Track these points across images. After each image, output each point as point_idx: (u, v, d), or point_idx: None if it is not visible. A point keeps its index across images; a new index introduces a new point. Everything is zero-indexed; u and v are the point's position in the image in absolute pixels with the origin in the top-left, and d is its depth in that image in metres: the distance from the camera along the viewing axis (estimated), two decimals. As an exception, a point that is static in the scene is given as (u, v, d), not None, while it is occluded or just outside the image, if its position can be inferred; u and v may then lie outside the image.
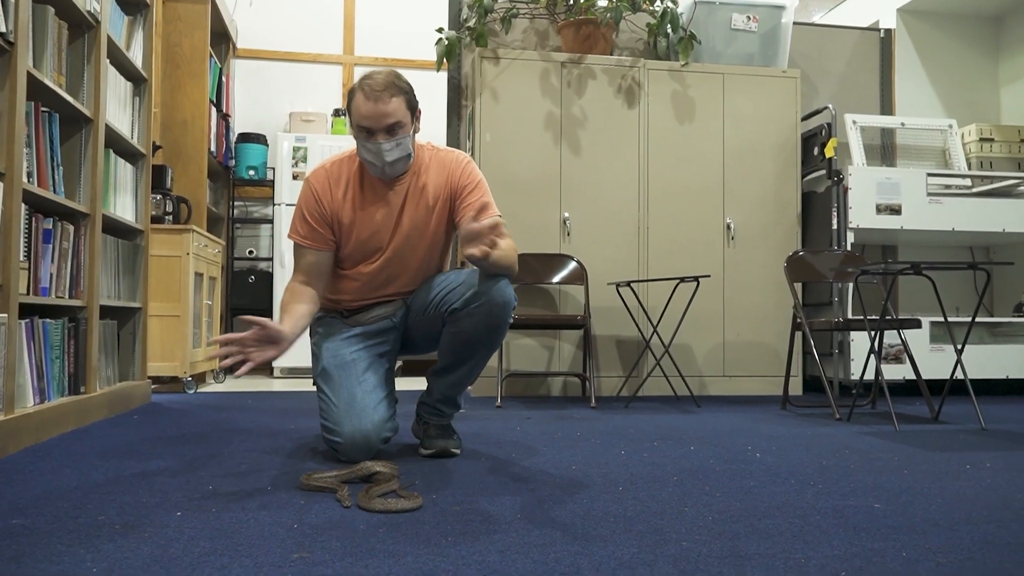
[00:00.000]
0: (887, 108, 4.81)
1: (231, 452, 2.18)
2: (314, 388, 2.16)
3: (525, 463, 2.06)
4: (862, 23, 5.11)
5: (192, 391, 3.98)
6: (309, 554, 1.23)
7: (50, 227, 2.49)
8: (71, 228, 2.65)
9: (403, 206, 2.13)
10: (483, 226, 1.77)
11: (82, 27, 2.75)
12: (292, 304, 2.06)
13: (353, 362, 2.09)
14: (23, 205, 2.29)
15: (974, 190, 4.29)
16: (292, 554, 1.23)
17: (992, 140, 4.65)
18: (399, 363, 5.33)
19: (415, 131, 2.11)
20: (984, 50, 5.06)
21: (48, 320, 2.51)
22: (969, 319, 3.17)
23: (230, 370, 1.81)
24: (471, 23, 4.12)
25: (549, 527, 1.41)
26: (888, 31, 4.88)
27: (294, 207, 2.20)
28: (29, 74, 2.27)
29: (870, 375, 3.60)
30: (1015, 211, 4.13)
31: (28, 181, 2.32)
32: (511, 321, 2.05)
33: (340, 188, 2.12)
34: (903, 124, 4.60)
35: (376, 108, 1.99)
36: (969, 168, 4.59)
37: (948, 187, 4.31)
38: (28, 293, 2.33)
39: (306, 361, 5.08)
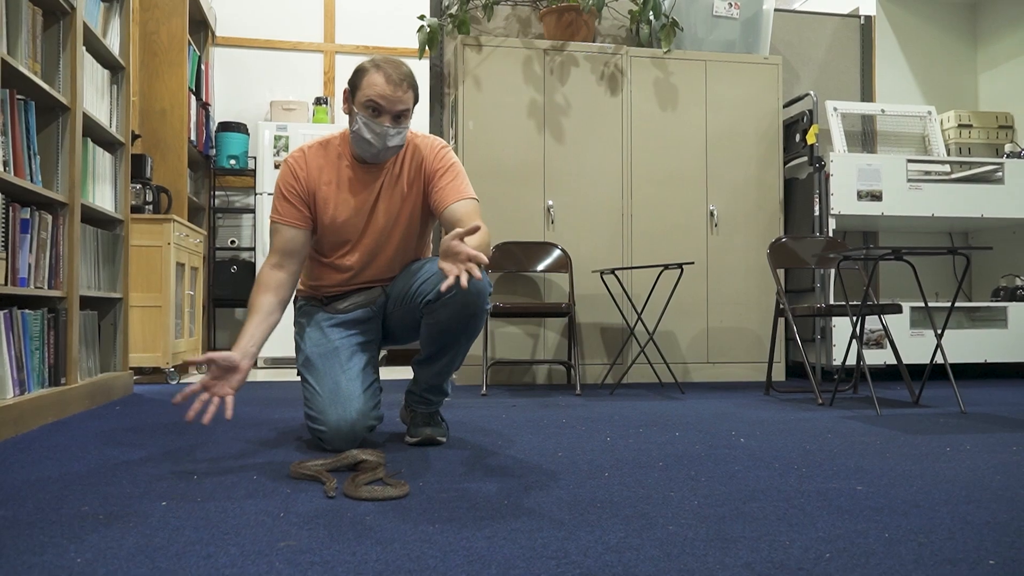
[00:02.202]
0: (867, 95, 4.84)
1: (215, 442, 2.17)
2: (297, 377, 2.14)
3: (511, 450, 2.06)
4: (842, 10, 5.13)
5: (175, 381, 3.95)
6: (296, 542, 1.23)
7: (27, 217, 2.45)
8: (49, 218, 2.61)
9: (379, 192, 2.13)
10: (463, 251, 1.67)
11: (57, 13, 2.71)
12: (257, 297, 2.04)
13: (336, 351, 2.09)
14: (0, 195, 2.25)
15: (953, 176, 4.34)
16: (279, 542, 1.23)
17: (970, 126, 4.69)
18: (383, 352, 5.32)
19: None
20: (962, 37, 5.09)
21: (27, 311, 2.48)
22: (949, 304, 3.21)
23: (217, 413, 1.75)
24: (453, 10, 4.09)
25: (536, 513, 1.41)
26: (868, 18, 4.90)
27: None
28: (3, 61, 2.23)
29: (852, 360, 3.64)
30: (993, 196, 4.17)
31: (4, 170, 2.28)
32: (488, 309, 2.04)
33: (319, 170, 2.12)
34: (883, 111, 4.63)
35: (395, 93, 2.00)
36: (948, 154, 4.63)
37: (928, 173, 4.35)
38: (6, 284, 2.30)
39: (289, 351, 5.09)
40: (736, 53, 4.26)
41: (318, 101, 5.60)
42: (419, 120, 4.67)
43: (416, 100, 2.07)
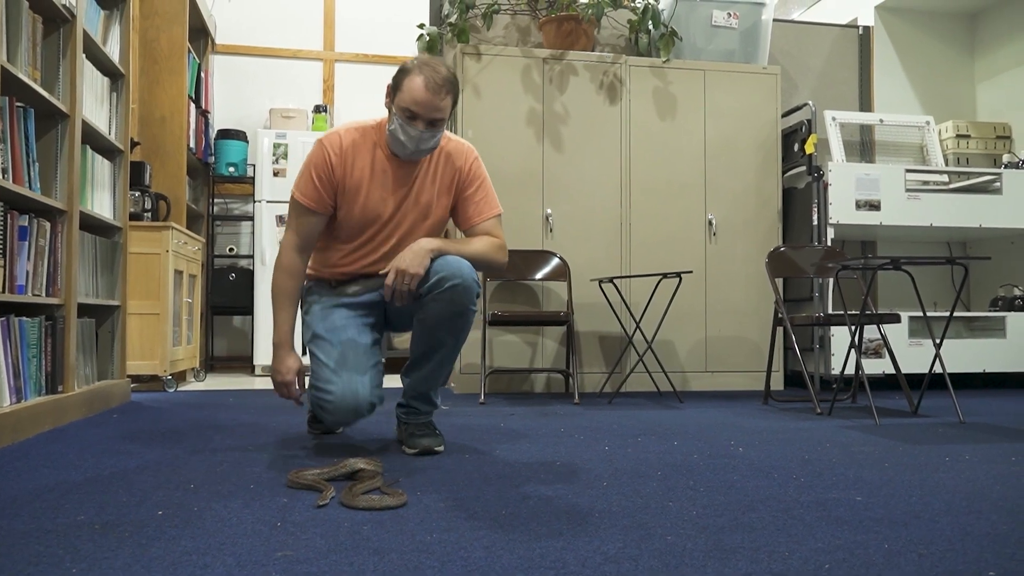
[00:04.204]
0: (866, 105, 4.85)
1: (212, 450, 2.16)
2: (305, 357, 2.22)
3: (509, 460, 2.05)
4: (841, 20, 5.15)
5: (172, 389, 3.94)
6: (292, 552, 1.22)
7: (26, 224, 2.45)
8: (47, 225, 2.61)
9: (412, 186, 2.18)
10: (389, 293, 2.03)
11: (57, 21, 2.71)
12: (287, 284, 2.18)
13: (344, 327, 2.13)
14: (-2, 202, 2.25)
15: (951, 186, 4.34)
16: (275, 552, 1.22)
17: (969, 136, 4.70)
18: (382, 360, 5.31)
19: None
20: (961, 47, 5.11)
21: (25, 318, 2.47)
22: (947, 314, 3.21)
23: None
24: (452, 19, 4.10)
25: (534, 523, 1.41)
26: (866, 28, 4.92)
27: (280, 211, 2.22)
28: (3, 68, 2.23)
29: (850, 370, 3.64)
30: (991, 207, 4.18)
31: (3, 177, 2.28)
32: (474, 309, 2.08)
33: (354, 156, 2.14)
34: (882, 120, 4.64)
35: (433, 101, 2.03)
36: (946, 164, 4.64)
37: (926, 183, 4.36)
38: (4, 291, 2.29)
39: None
40: (735, 63, 4.28)
41: (317, 109, 5.61)
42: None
43: (455, 103, 2.11)
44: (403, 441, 2.21)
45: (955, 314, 3.99)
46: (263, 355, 5.15)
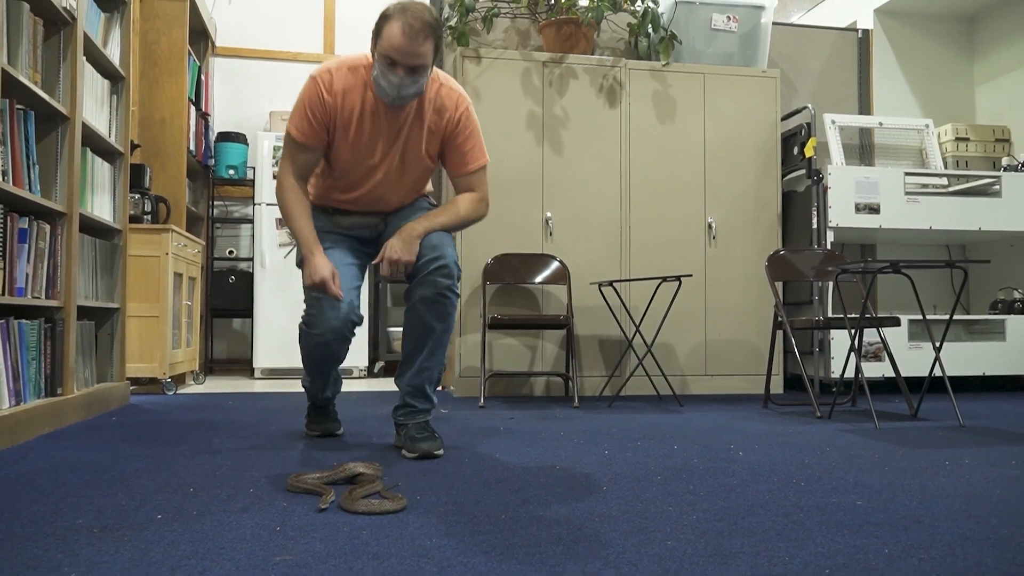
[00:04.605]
0: (865, 108, 4.86)
1: (211, 453, 2.16)
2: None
3: (509, 463, 2.05)
4: (840, 24, 5.16)
5: (171, 392, 3.94)
6: (292, 557, 1.22)
7: (26, 226, 2.45)
8: (47, 227, 2.61)
9: (402, 130, 2.21)
10: (400, 259, 2.14)
11: (58, 24, 2.71)
12: (300, 200, 2.21)
13: (331, 251, 2.22)
14: (-2, 204, 2.25)
15: (950, 189, 4.34)
16: (275, 556, 1.22)
17: (968, 139, 4.71)
18: (380, 364, 5.31)
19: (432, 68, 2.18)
20: (959, 50, 5.12)
21: (24, 321, 2.47)
22: (947, 317, 3.21)
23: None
24: (452, 22, 4.11)
25: (534, 528, 1.40)
26: (865, 31, 4.92)
27: (280, 213, 2.29)
28: (3, 71, 2.23)
29: (850, 373, 3.64)
30: (991, 210, 4.18)
31: (3, 180, 2.28)
32: (457, 292, 2.18)
33: (344, 93, 2.16)
34: (881, 124, 4.64)
35: (410, 48, 2.03)
36: (945, 167, 4.64)
37: (925, 186, 4.36)
38: (3, 293, 2.29)
39: (285, 362, 5.08)
40: (734, 66, 4.28)
41: (317, 112, 5.59)
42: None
43: (438, 46, 2.11)
44: (402, 446, 2.21)
45: (955, 317, 3.99)
46: (263, 358, 5.14)
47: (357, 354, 5.15)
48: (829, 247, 3.97)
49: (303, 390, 2.58)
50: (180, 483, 1.77)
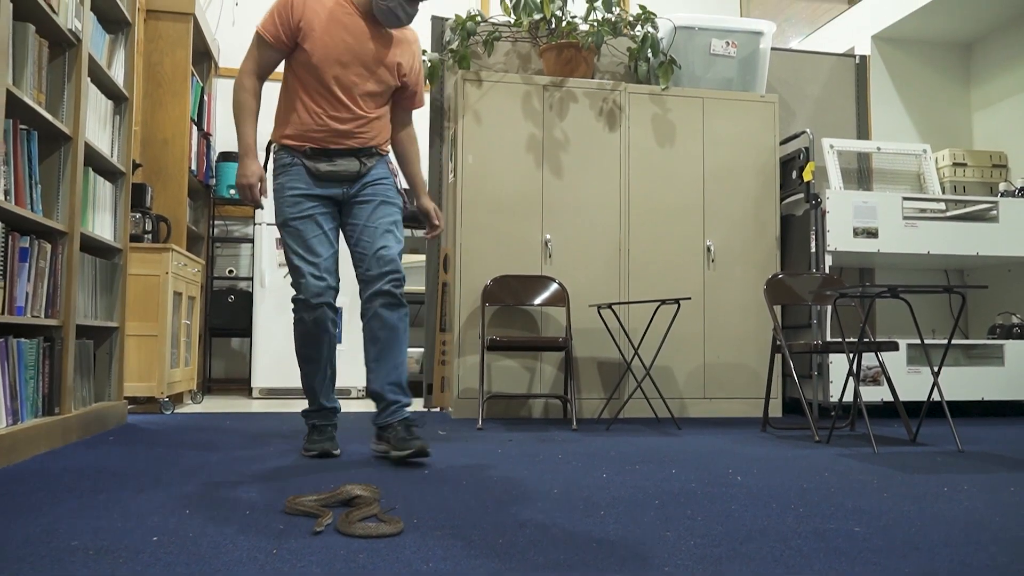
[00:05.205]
0: (863, 133, 4.89)
1: (208, 474, 2.15)
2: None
3: (506, 486, 2.05)
4: (838, 49, 5.20)
5: (169, 412, 3.93)
6: (288, 580, 1.22)
7: (27, 245, 2.46)
8: (48, 247, 2.62)
9: (374, 42, 2.55)
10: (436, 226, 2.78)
11: (63, 45, 2.74)
12: (251, 102, 2.68)
13: (310, 217, 2.55)
14: (0, 223, 2.26)
15: (948, 214, 4.36)
16: (271, 580, 1.22)
17: (965, 165, 4.73)
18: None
19: None
20: (956, 77, 5.16)
21: (23, 340, 2.47)
22: (945, 341, 3.21)
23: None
24: (454, 45, 4.15)
25: (531, 552, 1.40)
26: (863, 58, 4.97)
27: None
28: (8, 91, 2.25)
29: (849, 397, 3.63)
30: (988, 235, 4.20)
31: (5, 199, 2.29)
32: (403, 287, 2.52)
33: (321, 4, 2.50)
34: (879, 148, 4.67)
35: None
36: (943, 192, 4.67)
37: (923, 211, 4.38)
38: (3, 312, 2.29)
39: (283, 382, 5.07)
40: (733, 91, 4.31)
41: (319, 132, 5.63)
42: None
43: None
44: (391, 446, 2.38)
45: (953, 342, 4.00)
46: (261, 377, 5.14)
47: (355, 374, 5.14)
48: (827, 271, 3.99)
49: (303, 417, 2.68)
50: (176, 504, 1.76)
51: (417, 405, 4.64)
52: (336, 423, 2.66)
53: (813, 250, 4.09)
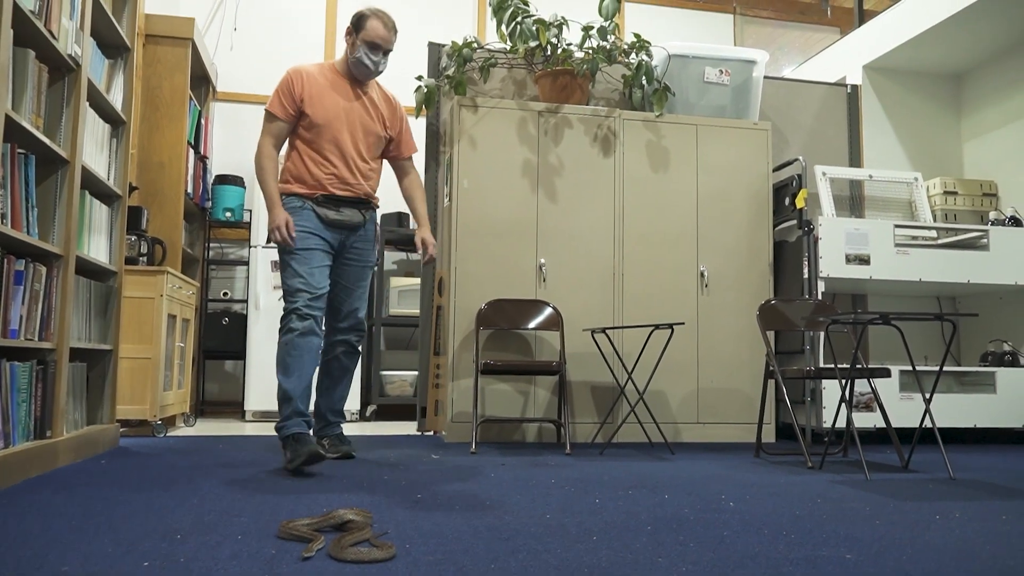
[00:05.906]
0: (855, 160, 4.94)
1: (200, 498, 2.15)
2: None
3: (499, 511, 2.05)
4: (830, 78, 5.27)
5: (161, 435, 3.92)
6: (279, 606, 1.21)
7: (22, 268, 2.47)
8: (43, 269, 2.62)
9: (361, 101, 3.10)
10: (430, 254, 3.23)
11: (63, 70, 2.76)
12: (273, 165, 3.00)
13: (314, 251, 2.97)
14: (-4, 246, 2.27)
15: (939, 241, 4.40)
16: (262, 606, 1.21)
17: (956, 193, 4.78)
18: (373, 407, 5.29)
19: None
20: (947, 107, 5.23)
21: (16, 363, 2.47)
22: (937, 368, 3.22)
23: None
24: (450, 72, 4.19)
25: (523, 578, 1.40)
26: (855, 87, 5.03)
27: (275, 255, 2.70)
28: (7, 116, 2.27)
29: (841, 423, 3.64)
30: (979, 263, 4.23)
31: (2, 222, 2.30)
32: (362, 339, 3.21)
33: (312, 77, 3.02)
34: (871, 176, 4.72)
35: (389, 36, 3.04)
36: (934, 220, 4.71)
37: (915, 238, 4.41)
38: (-3, 335, 2.29)
39: (276, 405, 5.04)
40: (727, 118, 4.36)
41: (315, 156, 5.66)
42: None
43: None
44: (329, 447, 3.10)
45: (945, 368, 4.02)
46: (254, 400, 5.12)
47: (350, 398, 5.12)
48: (820, 297, 4.01)
49: (277, 432, 2.89)
50: (168, 529, 1.75)
51: (410, 428, 4.62)
52: (312, 427, 3.00)
53: (806, 276, 4.12)
